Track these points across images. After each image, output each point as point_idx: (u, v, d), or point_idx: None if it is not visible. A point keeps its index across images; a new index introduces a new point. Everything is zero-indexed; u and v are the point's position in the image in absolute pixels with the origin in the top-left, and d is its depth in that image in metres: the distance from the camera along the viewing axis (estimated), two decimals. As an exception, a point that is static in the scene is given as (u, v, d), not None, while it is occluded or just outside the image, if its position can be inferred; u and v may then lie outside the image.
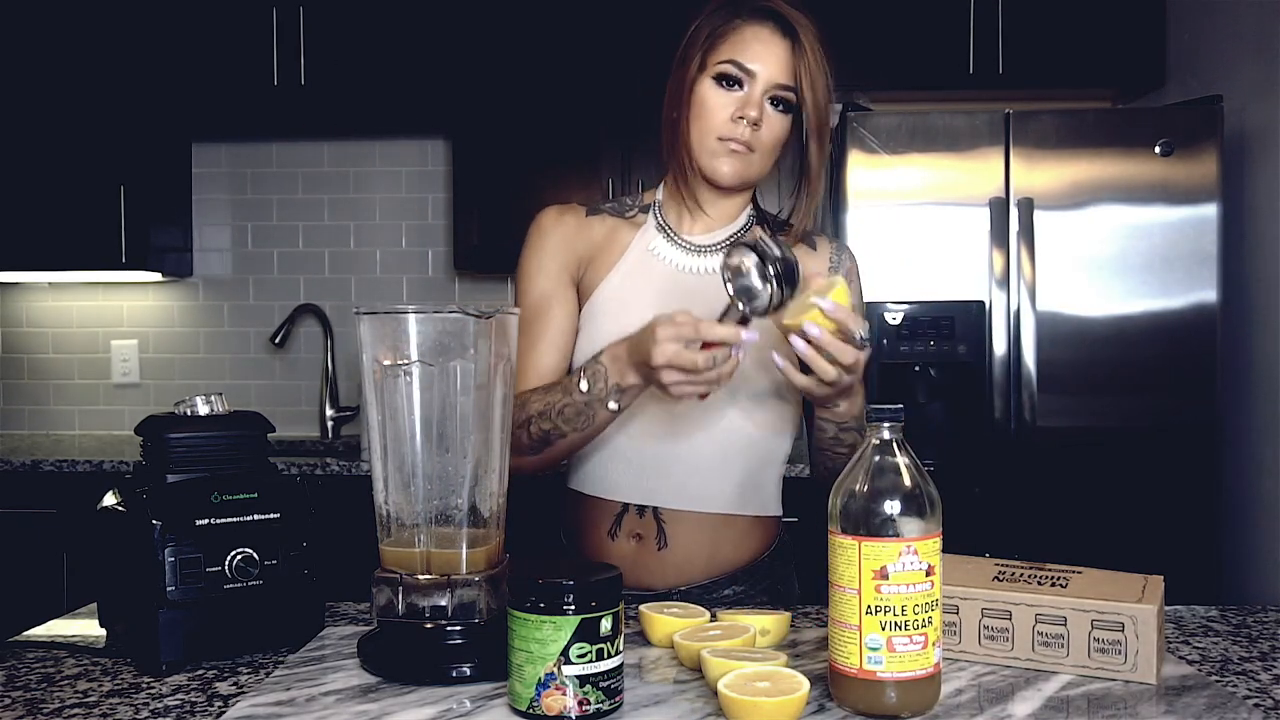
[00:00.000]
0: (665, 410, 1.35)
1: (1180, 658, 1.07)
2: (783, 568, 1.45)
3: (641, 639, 1.13)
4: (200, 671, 1.04)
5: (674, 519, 1.37)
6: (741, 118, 1.30)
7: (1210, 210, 2.54)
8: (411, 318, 1.02)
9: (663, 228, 1.41)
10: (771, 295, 1.10)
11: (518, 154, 3.01)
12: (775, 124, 1.32)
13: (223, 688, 1.00)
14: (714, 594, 1.38)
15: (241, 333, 3.41)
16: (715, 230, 1.41)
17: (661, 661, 1.07)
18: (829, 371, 1.13)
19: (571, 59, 2.99)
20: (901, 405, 0.93)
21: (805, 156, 1.35)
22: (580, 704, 0.89)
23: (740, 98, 1.31)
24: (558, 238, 1.41)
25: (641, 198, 1.46)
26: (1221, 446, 2.58)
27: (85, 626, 1.20)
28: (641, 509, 1.37)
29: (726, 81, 1.31)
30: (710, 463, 1.36)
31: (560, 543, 1.47)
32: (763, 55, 1.30)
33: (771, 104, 1.32)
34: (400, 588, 1.01)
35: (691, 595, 1.36)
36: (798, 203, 1.39)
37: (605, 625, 0.90)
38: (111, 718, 0.92)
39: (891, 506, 0.89)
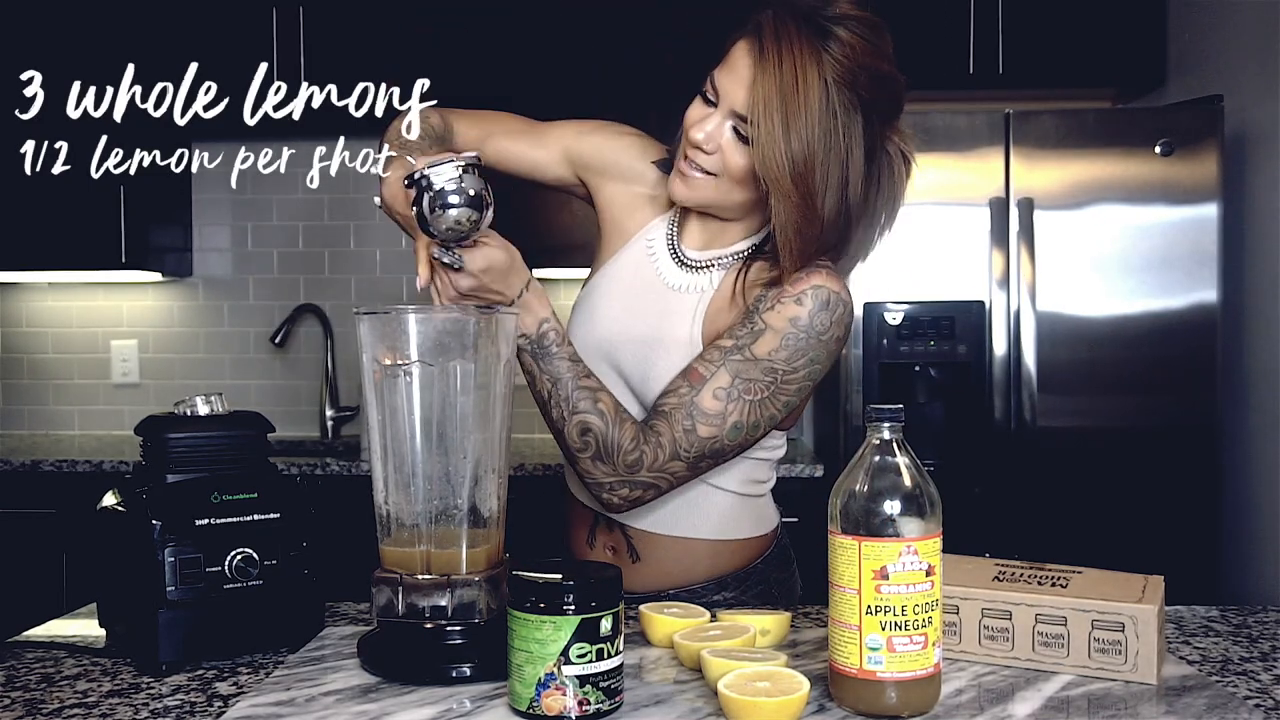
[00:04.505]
0: None
1: (1180, 658, 1.07)
2: (780, 571, 1.41)
3: (641, 639, 1.13)
4: (200, 672, 1.04)
5: (642, 538, 1.33)
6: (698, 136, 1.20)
7: (1210, 210, 2.54)
8: (411, 318, 1.02)
9: (673, 223, 1.33)
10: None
11: (518, 154, 3.00)
12: (732, 154, 1.19)
13: (222, 688, 1.00)
14: (702, 599, 1.33)
15: (241, 333, 3.41)
16: (710, 249, 1.30)
17: (661, 661, 1.07)
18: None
19: (572, 60, 2.98)
20: (901, 405, 0.93)
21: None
22: (580, 704, 0.89)
23: (706, 116, 1.20)
24: (623, 145, 1.37)
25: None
26: (1221, 446, 2.58)
27: (85, 627, 1.20)
28: (610, 523, 1.34)
29: (704, 99, 1.21)
30: (683, 493, 1.29)
31: (560, 544, 1.46)
32: (730, 79, 1.17)
33: (734, 134, 1.18)
34: (400, 588, 1.01)
35: (680, 599, 1.33)
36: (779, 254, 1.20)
37: (605, 625, 0.90)
38: (111, 718, 0.92)
39: (891, 506, 0.89)
